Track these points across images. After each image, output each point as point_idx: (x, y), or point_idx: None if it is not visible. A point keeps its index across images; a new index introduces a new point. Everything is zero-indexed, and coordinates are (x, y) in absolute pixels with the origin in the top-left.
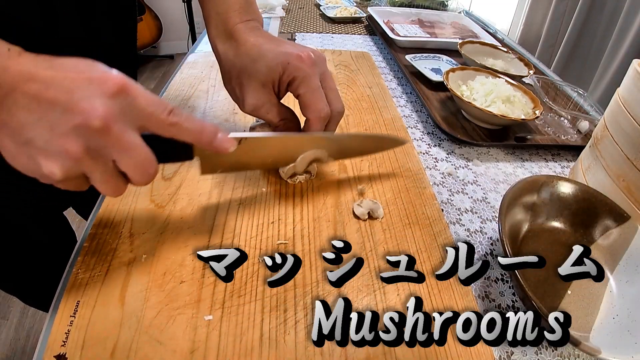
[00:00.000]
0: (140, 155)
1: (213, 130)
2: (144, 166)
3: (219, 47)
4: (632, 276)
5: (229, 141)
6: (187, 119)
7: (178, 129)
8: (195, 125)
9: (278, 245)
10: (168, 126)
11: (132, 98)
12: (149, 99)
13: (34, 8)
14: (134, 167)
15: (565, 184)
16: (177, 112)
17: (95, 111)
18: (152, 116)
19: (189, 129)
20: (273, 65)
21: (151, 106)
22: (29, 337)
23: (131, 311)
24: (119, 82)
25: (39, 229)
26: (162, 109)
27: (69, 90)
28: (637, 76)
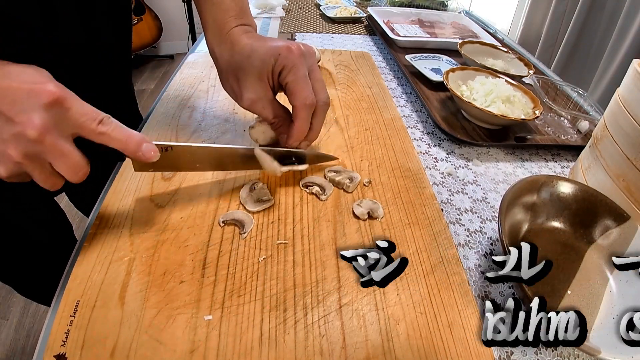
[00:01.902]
0: (72, 160)
1: (138, 141)
2: (75, 169)
3: (215, 50)
4: (632, 276)
5: (152, 152)
6: (114, 129)
7: (107, 137)
8: (122, 136)
9: (278, 245)
10: (98, 135)
11: (66, 109)
12: (80, 110)
13: (34, 8)
14: (67, 169)
15: (565, 184)
16: (106, 122)
17: (31, 123)
18: (83, 126)
19: (116, 139)
20: (265, 58)
21: (83, 117)
22: (29, 337)
23: (131, 311)
24: (54, 94)
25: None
26: (93, 119)
27: (11, 102)
28: (637, 76)
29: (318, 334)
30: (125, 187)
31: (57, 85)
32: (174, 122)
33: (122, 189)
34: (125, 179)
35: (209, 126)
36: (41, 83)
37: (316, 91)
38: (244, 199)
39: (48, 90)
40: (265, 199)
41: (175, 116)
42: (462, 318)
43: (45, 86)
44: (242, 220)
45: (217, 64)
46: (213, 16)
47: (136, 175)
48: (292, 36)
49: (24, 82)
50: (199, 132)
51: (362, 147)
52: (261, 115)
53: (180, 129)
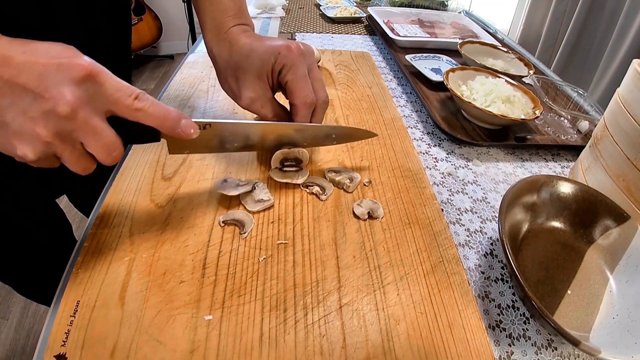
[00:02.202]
0: (105, 139)
1: (176, 117)
2: (109, 149)
3: (213, 49)
4: (632, 276)
5: (192, 127)
6: (151, 105)
7: (143, 114)
8: (160, 111)
9: (278, 245)
10: (133, 111)
11: (99, 84)
12: (115, 85)
13: (34, 8)
14: (100, 149)
15: (565, 184)
16: (142, 98)
17: (62, 98)
18: (118, 102)
19: (154, 115)
20: (265, 57)
21: (117, 92)
22: (29, 337)
23: (131, 311)
24: (87, 68)
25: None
26: (128, 94)
27: (39, 77)
28: (637, 76)
29: (318, 334)
30: (125, 187)
31: (88, 59)
32: None
33: (122, 189)
34: (125, 179)
35: None
36: (71, 57)
37: (315, 90)
38: (244, 199)
39: (80, 64)
40: (265, 199)
41: None
42: (463, 318)
43: (76, 60)
44: (242, 220)
45: (215, 64)
46: (211, 16)
47: (136, 176)
48: (292, 36)
49: (52, 57)
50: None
51: (362, 147)
52: (260, 114)
53: None
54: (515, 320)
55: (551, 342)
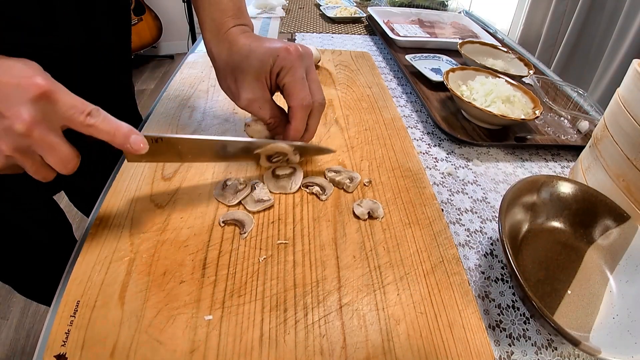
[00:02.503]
0: (60, 153)
1: (126, 133)
2: (64, 162)
3: (213, 49)
4: (632, 276)
5: (142, 142)
6: (103, 121)
7: (95, 130)
8: (110, 127)
9: (278, 245)
10: (85, 127)
11: (54, 102)
12: (68, 102)
13: (34, 8)
14: (56, 162)
15: (565, 184)
16: (94, 114)
17: (19, 117)
18: (70, 119)
19: (104, 131)
20: (264, 58)
21: (70, 109)
22: (29, 337)
23: (131, 311)
24: (42, 88)
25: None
26: (80, 111)
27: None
28: (637, 76)
29: (318, 334)
30: (125, 187)
31: (45, 78)
32: (174, 122)
33: (122, 189)
34: (125, 179)
35: (209, 126)
36: (29, 77)
37: (312, 92)
38: (244, 199)
39: (35, 84)
40: (265, 199)
41: (175, 116)
42: (463, 318)
43: (33, 80)
44: (243, 220)
45: (214, 64)
46: (211, 16)
47: (136, 176)
48: (292, 36)
49: (13, 77)
50: (199, 132)
51: (362, 147)
52: (258, 115)
53: (180, 129)
54: (516, 320)
55: (551, 342)
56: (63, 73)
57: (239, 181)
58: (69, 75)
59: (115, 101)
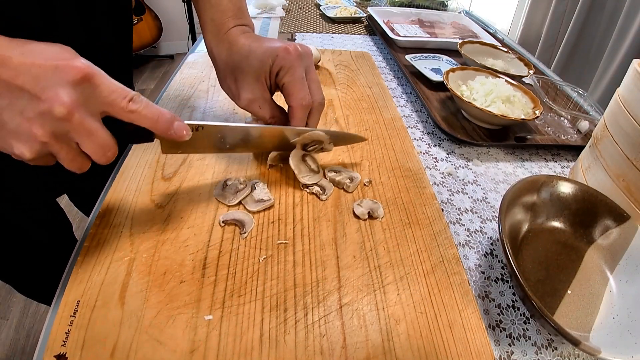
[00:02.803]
0: (100, 139)
1: (169, 119)
2: (103, 149)
3: (213, 49)
4: (632, 276)
5: (185, 129)
6: (145, 107)
7: (137, 115)
8: (153, 113)
9: (278, 245)
10: (127, 113)
11: (95, 86)
12: (110, 87)
13: (34, 8)
14: (95, 149)
15: (565, 184)
16: (136, 100)
17: (58, 100)
18: (112, 104)
19: (147, 117)
20: (263, 58)
21: (112, 94)
22: (29, 337)
23: (131, 311)
24: (83, 71)
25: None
26: (123, 96)
27: (36, 78)
28: (637, 76)
29: (318, 334)
30: (125, 187)
31: (84, 61)
32: None
33: (122, 189)
34: (125, 179)
35: None
36: (68, 59)
37: (312, 92)
38: (244, 199)
39: (76, 66)
40: (265, 199)
41: None
42: (463, 318)
43: (72, 62)
44: (243, 220)
45: (215, 64)
46: (211, 16)
47: (136, 176)
48: (292, 36)
49: (49, 59)
50: None
51: (362, 147)
52: (258, 115)
53: None
54: (516, 320)
55: (551, 342)
56: None
57: (239, 181)
58: None
59: None
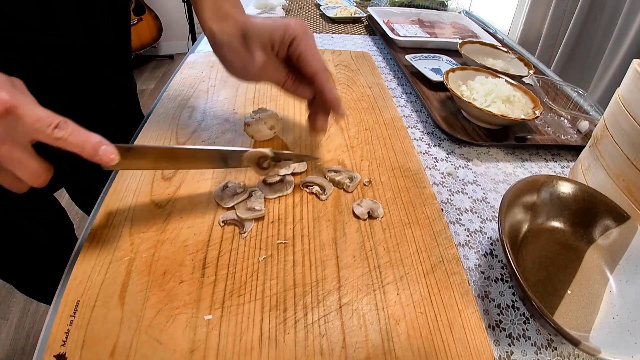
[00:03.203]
0: (30, 168)
1: (95, 146)
2: (34, 176)
3: (214, 27)
4: (632, 276)
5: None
6: (71, 134)
7: (63, 142)
8: (79, 140)
9: (278, 244)
10: (54, 140)
11: (18, 117)
12: (34, 115)
13: (34, 8)
14: (26, 177)
15: (565, 184)
16: (62, 127)
17: None
18: (38, 132)
19: (73, 143)
20: (274, 28)
21: (36, 123)
22: (29, 337)
23: (131, 311)
24: (5, 104)
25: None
26: (47, 125)
27: None
28: (637, 76)
29: (318, 334)
30: (125, 187)
31: (9, 92)
32: (174, 122)
33: (122, 189)
34: (125, 179)
35: (209, 126)
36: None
37: None
38: (238, 204)
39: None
40: (257, 209)
41: (175, 116)
42: (463, 318)
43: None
44: (242, 220)
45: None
46: None
47: (136, 176)
48: None
49: None
50: (199, 132)
51: (362, 147)
52: (273, 76)
53: (180, 129)
54: (515, 320)
55: (551, 342)
56: (63, 73)
57: (239, 185)
58: (69, 75)
59: (115, 101)
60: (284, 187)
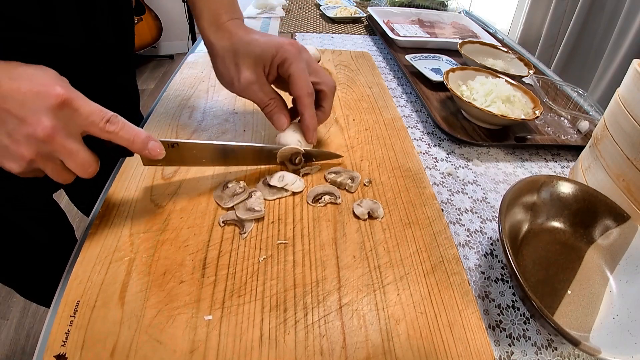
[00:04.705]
0: (80, 159)
1: (144, 139)
2: (84, 166)
3: (211, 37)
4: (632, 276)
5: (159, 149)
6: (122, 128)
7: (114, 136)
8: (129, 134)
9: (278, 245)
10: (105, 133)
11: (73, 110)
12: (88, 109)
13: (34, 8)
14: (76, 167)
15: (565, 184)
16: (113, 121)
17: (40, 124)
18: (91, 125)
19: (123, 137)
20: (266, 47)
21: (90, 116)
22: (29, 337)
23: (131, 311)
24: (61, 97)
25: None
26: (100, 118)
27: (21, 104)
28: (637, 76)
29: (318, 334)
30: (125, 187)
31: (64, 86)
32: (174, 122)
33: (122, 189)
34: (125, 179)
35: (209, 126)
36: (48, 85)
37: (321, 78)
38: (237, 204)
39: (55, 93)
40: (257, 209)
41: (175, 116)
42: (463, 318)
43: (52, 89)
44: (242, 220)
45: (212, 50)
46: (208, 7)
47: (136, 176)
48: (292, 36)
49: (33, 85)
50: (199, 132)
51: (362, 147)
52: (256, 97)
53: (180, 129)
54: (515, 320)
55: (551, 342)
56: (63, 72)
57: (238, 185)
58: (69, 75)
59: (116, 101)
60: (283, 189)
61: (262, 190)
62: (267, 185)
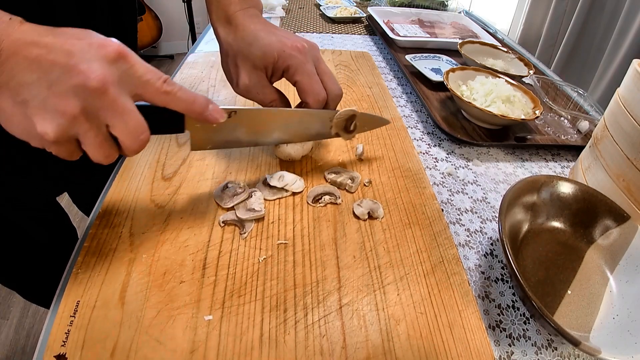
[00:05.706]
0: (133, 120)
1: (204, 102)
2: (137, 132)
3: (219, 30)
4: (632, 276)
5: (220, 112)
6: (180, 89)
7: (171, 97)
8: (188, 96)
9: (278, 245)
10: (162, 94)
11: (130, 65)
12: (145, 67)
13: (34, 8)
14: (127, 132)
15: (565, 184)
16: (170, 82)
17: (93, 72)
18: (147, 84)
19: (182, 99)
20: (268, 50)
21: (147, 74)
22: (29, 337)
23: (131, 311)
24: (118, 49)
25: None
26: (157, 77)
27: (69, 53)
28: (637, 76)
29: (318, 334)
30: (125, 187)
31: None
32: None
33: (122, 189)
34: (125, 179)
35: None
36: (102, 39)
37: (326, 84)
38: (237, 205)
39: (112, 44)
40: (257, 209)
41: None
42: (463, 318)
43: (107, 41)
44: (242, 220)
45: (220, 45)
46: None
47: (136, 176)
48: None
49: (83, 38)
50: None
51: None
52: (256, 99)
53: None
54: (515, 320)
55: (551, 342)
56: None
57: (238, 185)
58: None
59: None
60: (283, 190)
61: (262, 190)
62: (267, 185)
